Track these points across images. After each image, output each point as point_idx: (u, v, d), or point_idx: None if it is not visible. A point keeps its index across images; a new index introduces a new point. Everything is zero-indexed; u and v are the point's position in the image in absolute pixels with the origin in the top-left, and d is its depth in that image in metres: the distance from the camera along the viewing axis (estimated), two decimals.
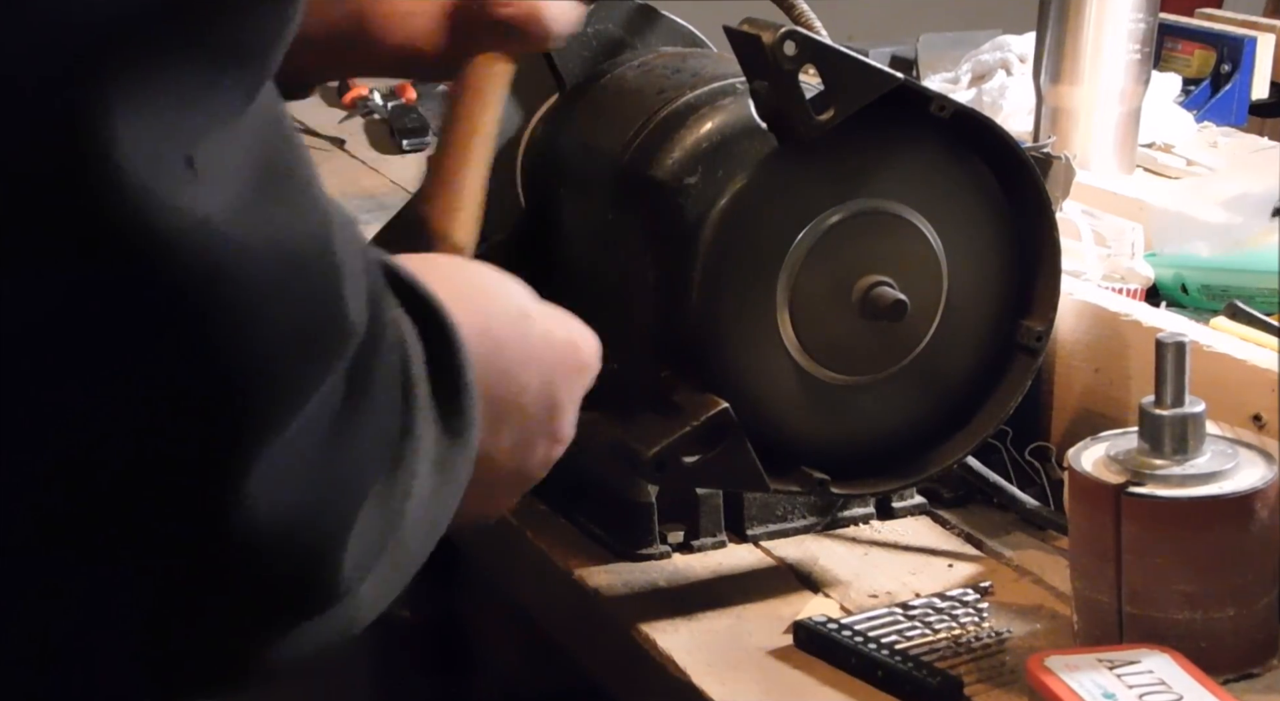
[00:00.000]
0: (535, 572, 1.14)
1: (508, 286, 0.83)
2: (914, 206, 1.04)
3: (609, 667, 1.07)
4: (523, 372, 0.82)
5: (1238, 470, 0.95)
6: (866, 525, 1.15)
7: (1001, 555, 1.11)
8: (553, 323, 0.85)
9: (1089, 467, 0.97)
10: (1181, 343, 0.95)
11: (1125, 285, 1.32)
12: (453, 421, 0.70)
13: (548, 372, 0.83)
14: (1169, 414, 0.95)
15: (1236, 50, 1.95)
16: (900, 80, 0.99)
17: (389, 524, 0.65)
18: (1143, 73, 1.64)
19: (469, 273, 0.84)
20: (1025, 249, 1.07)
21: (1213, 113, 1.90)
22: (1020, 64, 1.79)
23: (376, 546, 0.65)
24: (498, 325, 0.81)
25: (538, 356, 0.82)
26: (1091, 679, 0.89)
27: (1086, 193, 1.45)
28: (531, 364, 0.82)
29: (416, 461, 0.67)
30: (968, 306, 1.06)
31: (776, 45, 0.96)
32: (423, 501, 0.68)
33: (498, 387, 0.79)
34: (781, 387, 1.03)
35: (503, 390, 0.80)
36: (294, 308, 0.58)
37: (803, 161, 1.01)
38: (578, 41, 1.17)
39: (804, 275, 1.02)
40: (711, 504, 1.11)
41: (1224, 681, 0.92)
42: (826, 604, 1.05)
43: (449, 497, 0.71)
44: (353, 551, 0.63)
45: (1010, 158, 1.04)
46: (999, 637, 1.00)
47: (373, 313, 0.62)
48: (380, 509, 0.64)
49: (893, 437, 1.07)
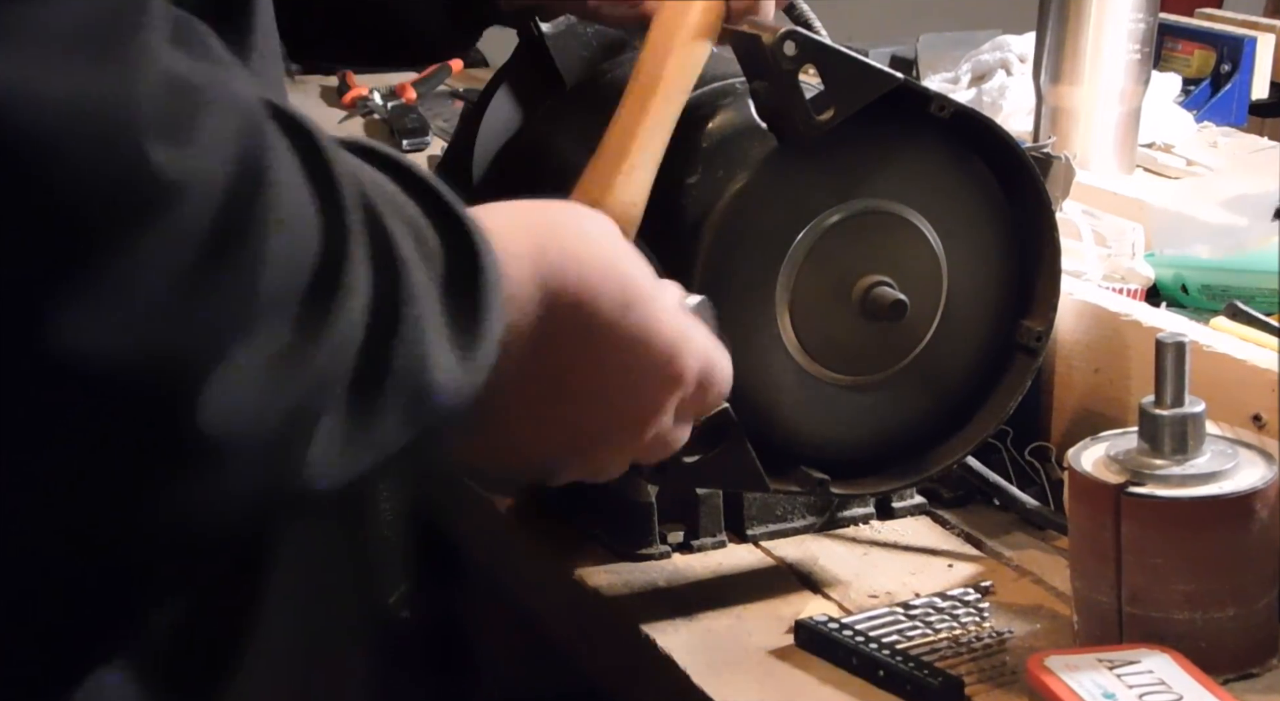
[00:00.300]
0: (535, 572, 1.14)
1: (623, 266, 0.81)
2: (914, 206, 1.04)
3: (609, 667, 1.07)
4: (592, 352, 0.80)
5: (1238, 470, 0.95)
6: (866, 525, 1.15)
7: (1001, 555, 1.11)
8: (662, 325, 0.82)
9: (1089, 467, 0.97)
10: (1181, 343, 0.95)
11: (1125, 285, 1.32)
12: (462, 319, 0.72)
13: (625, 368, 0.81)
14: (1169, 414, 0.95)
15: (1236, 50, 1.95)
16: (900, 80, 0.99)
17: (311, 378, 0.66)
18: (1143, 73, 1.64)
19: (590, 236, 0.81)
20: (1025, 249, 1.07)
21: (1213, 113, 1.90)
22: (1020, 64, 1.79)
23: (286, 399, 0.65)
24: (586, 288, 0.79)
25: (618, 344, 0.80)
26: (1091, 679, 0.89)
27: (1086, 193, 1.45)
28: (608, 348, 0.80)
29: (366, 321, 0.67)
30: (968, 306, 1.07)
31: (776, 45, 0.96)
32: (406, 372, 0.69)
33: (559, 351, 0.79)
34: (781, 387, 1.03)
35: (559, 357, 0.79)
36: (86, 159, 0.60)
37: (803, 161, 1.01)
38: (578, 41, 1.17)
39: (804, 275, 1.02)
40: (711, 504, 1.11)
41: (1224, 681, 0.92)
42: (826, 604, 1.05)
43: (452, 386, 0.71)
44: (223, 400, 0.63)
45: (1010, 158, 1.04)
46: (999, 637, 1.00)
47: (246, 172, 0.63)
48: (285, 361, 0.65)
49: (893, 437, 1.07)
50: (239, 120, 0.64)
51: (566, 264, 0.79)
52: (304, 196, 0.67)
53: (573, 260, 0.79)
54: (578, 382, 0.81)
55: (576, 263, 0.79)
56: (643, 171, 0.99)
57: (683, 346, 0.83)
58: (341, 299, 0.67)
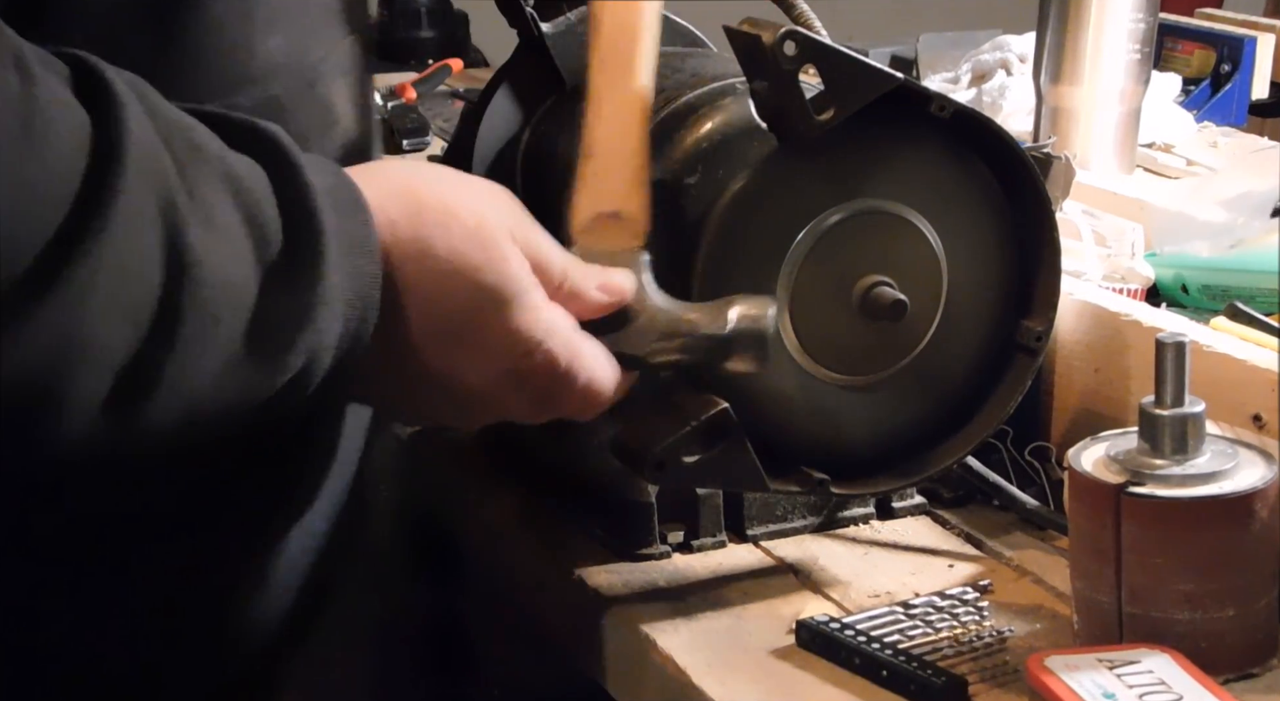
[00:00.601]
0: (535, 572, 1.14)
1: (502, 249, 0.88)
2: (914, 206, 1.04)
3: (609, 667, 1.07)
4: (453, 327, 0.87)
5: (1238, 470, 0.95)
6: (866, 525, 1.15)
7: (1001, 555, 1.11)
8: (537, 327, 0.89)
9: (1089, 467, 0.97)
10: (1181, 343, 0.95)
11: (1125, 285, 1.32)
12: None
13: (490, 355, 0.88)
14: (1169, 414, 0.95)
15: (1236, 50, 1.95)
16: (900, 80, 0.99)
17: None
18: (1143, 73, 1.64)
19: (470, 212, 0.88)
20: (1025, 249, 1.07)
21: (1213, 113, 1.90)
22: (1020, 64, 1.79)
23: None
24: (445, 265, 0.86)
25: (487, 331, 0.88)
26: (1091, 678, 0.89)
27: (1086, 193, 1.45)
28: (472, 326, 0.88)
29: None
30: (968, 306, 1.06)
31: (776, 45, 0.96)
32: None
33: (425, 304, 0.86)
34: (781, 387, 1.03)
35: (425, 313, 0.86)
36: None
37: (803, 161, 1.01)
38: (578, 41, 1.17)
39: (804, 275, 1.02)
40: (711, 504, 1.11)
41: (1224, 681, 0.92)
42: (827, 604, 1.05)
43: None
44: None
45: (1010, 158, 1.04)
46: (999, 637, 1.00)
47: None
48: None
49: (893, 437, 1.07)
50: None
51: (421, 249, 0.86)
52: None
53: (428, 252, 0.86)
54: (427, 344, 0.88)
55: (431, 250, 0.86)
56: (646, 171, 0.99)
57: (542, 337, 0.89)
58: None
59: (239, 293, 0.77)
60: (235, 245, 0.77)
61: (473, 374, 0.89)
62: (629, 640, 1.03)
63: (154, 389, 0.76)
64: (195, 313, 0.75)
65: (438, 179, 0.90)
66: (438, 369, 0.89)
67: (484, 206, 0.90)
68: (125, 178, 0.73)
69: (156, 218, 0.74)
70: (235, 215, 0.77)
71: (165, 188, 0.75)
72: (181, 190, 0.75)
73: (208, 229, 0.76)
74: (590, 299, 0.94)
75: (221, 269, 0.76)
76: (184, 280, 0.75)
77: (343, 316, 0.82)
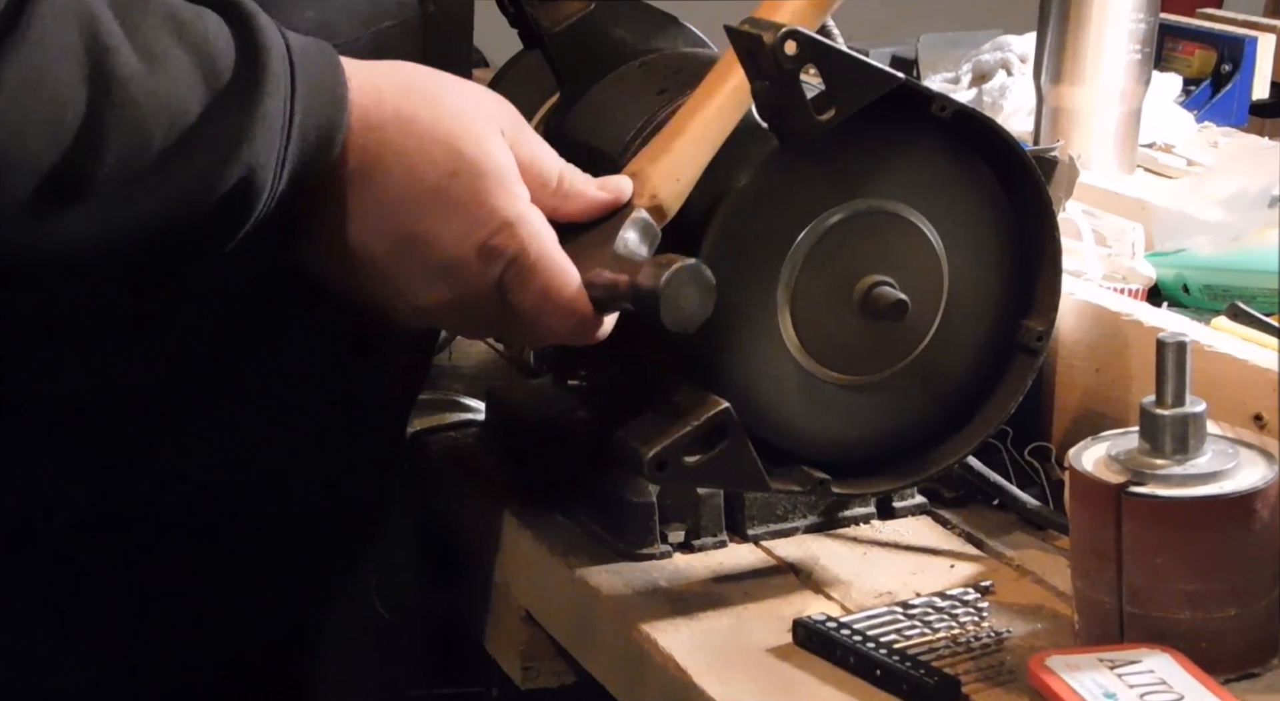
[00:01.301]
0: (535, 572, 1.14)
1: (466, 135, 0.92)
2: (915, 206, 1.03)
3: (609, 667, 1.07)
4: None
5: (1238, 470, 0.95)
6: (867, 525, 1.15)
7: (1002, 555, 1.11)
8: (512, 209, 0.92)
9: (1089, 467, 0.97)
10: (1182, 342, 0.95)
11: (1126, 285, 1.32)
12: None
13: (463, 223, 0.92)
14: (1170, 414, 0.95)
15: (1237, 50, 1.95)
16: (901, 80, 0.99)
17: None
18: (1143, 73, 1.64)
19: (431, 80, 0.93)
20: (1026, 249, 1.07)
21: (1213, 113, 1.90)
22: (1021, 64, 1.79)
23: None
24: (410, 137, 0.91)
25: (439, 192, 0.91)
26: (1092, 678, 0.89)
27: (1087, 192, 1.45)
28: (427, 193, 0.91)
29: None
30: (968, 306, 1.06)
31: (777, 45, 0.96)
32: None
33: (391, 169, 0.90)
34: (782, 387, 1.03)
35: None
36: None
37: (803, 161, 1.01)
38: (578, 41, 1.17)
39: (805, 275, 1.02)
40: (712, 503, 1.11)
41: (1225, 681, 0.92)
42: (827, 604, 1.05)
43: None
44: None
45: (1011, 158, 1.04)
46: (999, 637, 1.00)
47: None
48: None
49: (893, 437, 1.07)
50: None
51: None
52: None
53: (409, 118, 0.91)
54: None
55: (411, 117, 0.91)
56: (699, 147, 1.00)
57: (510, 219, 0.92)
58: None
59: (177, 113, 0.83)
60: (177, 71, 0.83)
61: (447, 239, 0.92)
62: (629, 640, 1.03)
63: (79, 197, 0.82)
64: (123, 128, 0.82)
65: (440, 74, 0.95)
66: (414, 231, 0.92)
67: (477, 101, 0.94)
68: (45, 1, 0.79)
69: (76, 36, 0.80)
70: (179, 48, 0.84)
71: (88, 13, 0.81)
72: (110, 18, 0.81)
73: (146, 57, 0.82)
74: (589, 195, 0.97)
75: (159, 91, 0.82)
76: (110, 98, 0.81)
77: (296, 150, 0.87)
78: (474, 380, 1.39)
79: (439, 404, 1.34)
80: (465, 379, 1.40)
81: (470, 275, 0.93)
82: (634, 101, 1.11)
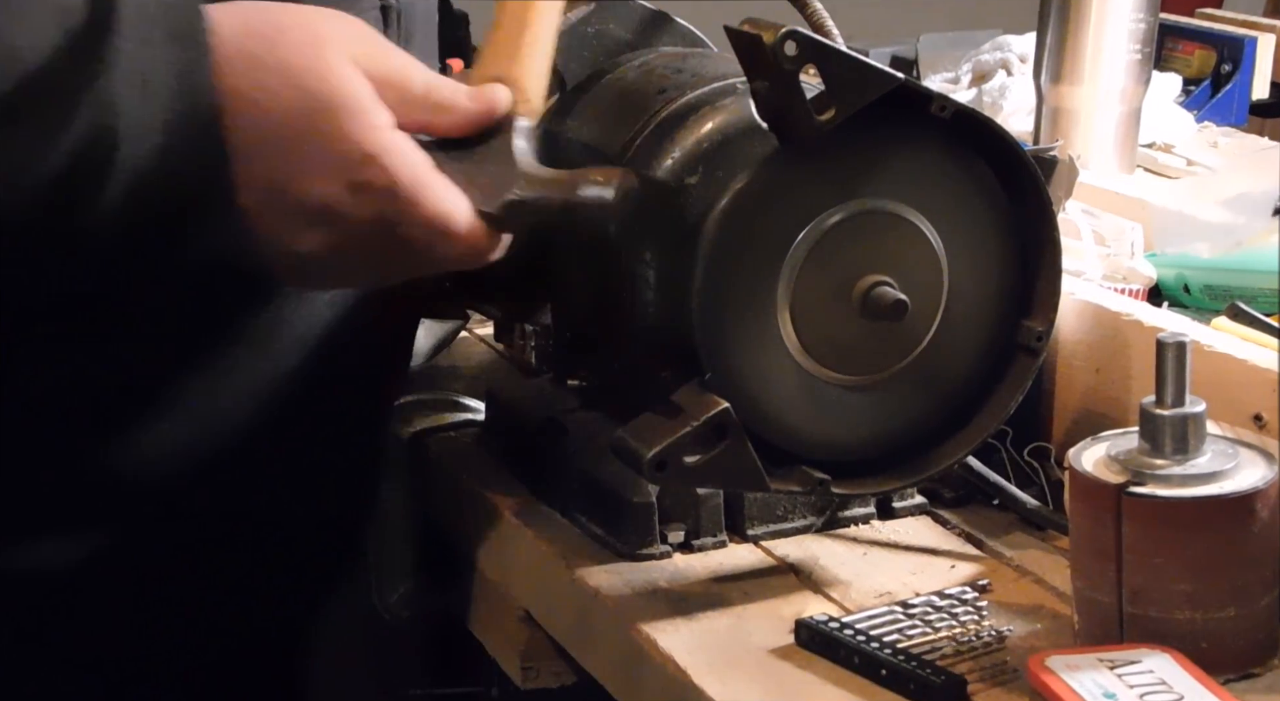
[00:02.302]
0: (535, 572, 1.14)
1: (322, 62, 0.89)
2: (914, 206, 1.03)
3: (609, 668, 1.07)
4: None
5: (1238, 470, 0.95)
6: (867, 525, 1.15)
7: (1002, 555, 1.11)
8: (373, 141, 0.89)
9: (1089, 467, 0.97)
10: (1182, 342, 0.95)
11: (1126, 285, 1.32)
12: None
13: (325, 165, 0.89)
14: (1170, 414, 0.95)
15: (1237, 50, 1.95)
16: (900, 80, 0.99)
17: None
18: (1143, 73, 1.64)
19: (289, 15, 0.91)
20: (1026, 249, 1.07)
21: (1213, 113, 1.90)
22: (1021, 64, 1.79)
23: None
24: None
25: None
26: (1092, 678, 0.89)
27: (1087, 192, 1.45)
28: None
29: None
30: (968, 306, 1.06)
31: (777, 45, 0.95)
32: None
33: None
34: (782, 387, 1.03)
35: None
36: None
37: (803, 161, 1.01)
38: (578, 41, 1.17)
39: (804, 275, 1.02)
40: (712, 504, 1.11)
41: (1225, 681, 0.92)
42: (827, 603, 1.05)
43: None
44: None
45: (1011, 158, 1.04)
46: (999, 637, 1.00)
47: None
48: None
49: (893, 437, 1.07)
50: None
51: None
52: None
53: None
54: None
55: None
56: (547, 38, 0.99)
57: (381, 155, 0.89)
58: None
59: (22, 60, 0.82)
60: (29, 20, 0.83)
61: (313, 182, 0.89)
62: (629, 640, 1.03)
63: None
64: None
65: (279, 5, 0.92)
66: (277, 178, 0.89)
67: (321, 28, 0.91)
68: None
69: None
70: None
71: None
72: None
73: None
74: (462, 106, 0.94)
75: (7, 40, 0.82)
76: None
77: (156, 97, 0.85)
78: (474, 380, 1.39)
79: (439, 404, 1.34)
80: (465, 379, 1.40)
81: (345, 215, 0.90)
82: (633, 102, 1.11)
